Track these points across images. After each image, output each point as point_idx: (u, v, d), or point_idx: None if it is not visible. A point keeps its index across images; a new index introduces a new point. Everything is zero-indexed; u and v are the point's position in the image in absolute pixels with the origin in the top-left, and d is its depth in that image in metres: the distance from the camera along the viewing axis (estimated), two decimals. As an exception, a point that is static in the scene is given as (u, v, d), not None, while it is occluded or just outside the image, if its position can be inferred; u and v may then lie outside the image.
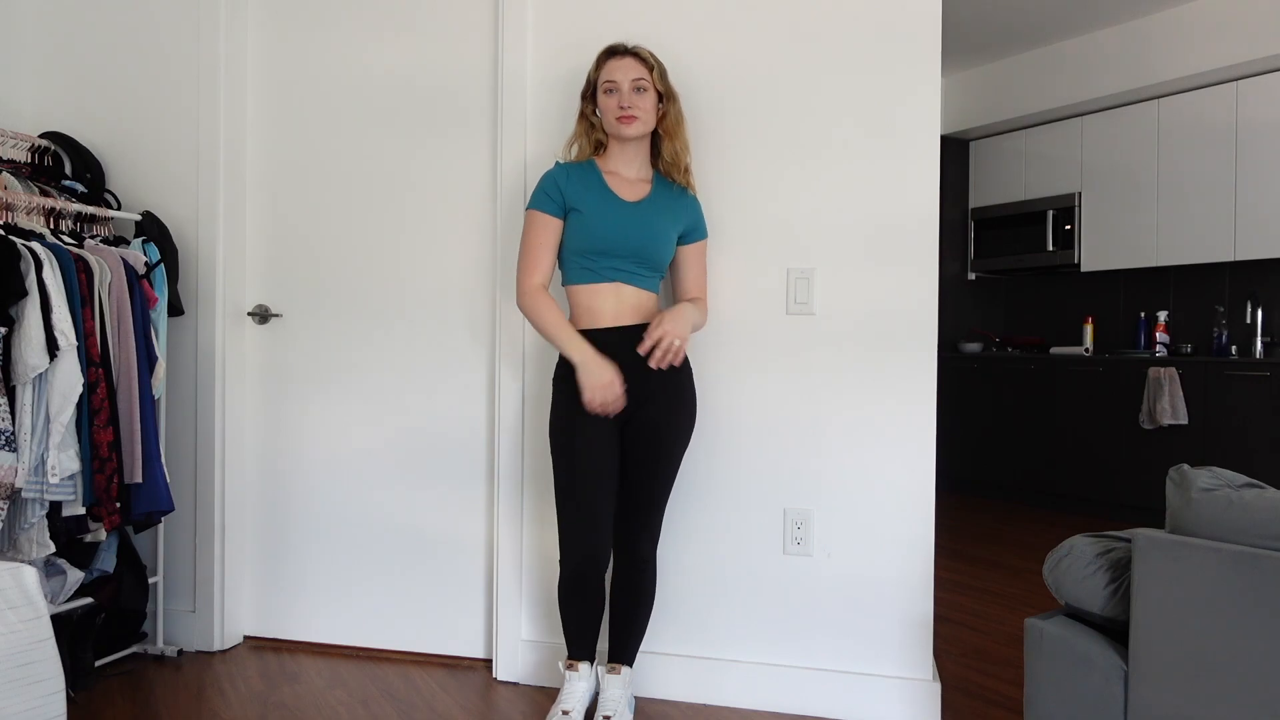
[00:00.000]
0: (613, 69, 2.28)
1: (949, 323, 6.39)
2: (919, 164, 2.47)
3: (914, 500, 2.48)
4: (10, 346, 2.32)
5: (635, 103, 2.26)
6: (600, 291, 2.28)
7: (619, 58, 2.29)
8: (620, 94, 2.26)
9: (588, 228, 2.26)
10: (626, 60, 2.29)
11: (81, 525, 2.51)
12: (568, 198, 2.28)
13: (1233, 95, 5.09)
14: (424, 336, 2.90)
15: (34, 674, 1.70)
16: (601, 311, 2.28)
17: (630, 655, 2.40)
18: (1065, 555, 1.76)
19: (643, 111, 2.27)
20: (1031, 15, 5.39)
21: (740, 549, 2.58)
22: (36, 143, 2.91)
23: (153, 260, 2.80)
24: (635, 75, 2.27)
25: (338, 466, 2.97)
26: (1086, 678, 1.64)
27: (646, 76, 2.28)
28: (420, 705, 2.55)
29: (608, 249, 2.26)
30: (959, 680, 2.76)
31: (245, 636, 3.07)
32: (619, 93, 2.26)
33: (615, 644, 2.39)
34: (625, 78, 2.26)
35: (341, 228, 2.97)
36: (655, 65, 2.31)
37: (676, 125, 2.35)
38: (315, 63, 2.98)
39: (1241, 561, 1.42)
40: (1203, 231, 5.22)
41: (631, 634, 2.39)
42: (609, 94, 2.28)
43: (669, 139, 2.35)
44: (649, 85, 2.28)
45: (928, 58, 2.47)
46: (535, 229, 2.31)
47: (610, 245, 2.26)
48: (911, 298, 2.48)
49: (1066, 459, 5.59)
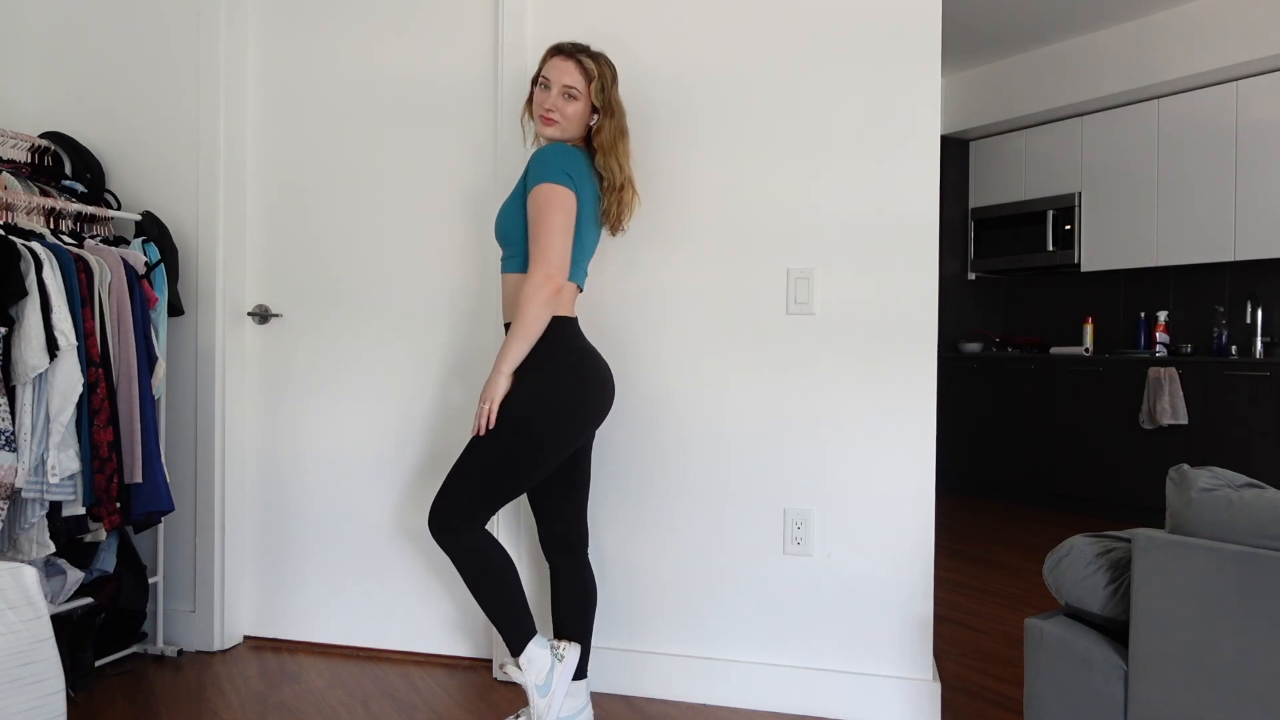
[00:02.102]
0: (551, 67, 2.27)
1: (949, 323, 6.40)
2: (919, 164, 2.47)
3: (914, 500, 2.48)
4: (10, 346, 2.32)
5: (560, 107, 2.25)
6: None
7: (562, 57, 2.27)
8: (549, 94, 2.25)
9: None
10: (568, 64, 2.26)
11: (81, 525, 2.51)
12: None
13: (1233, 95, 5.09)
14: (424, 336, 2.90)
15: (34, 674, 1.70)
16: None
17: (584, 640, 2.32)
18: (1065, 555, 1.76)
19: (564, 118, 2.25)
20: (1031, 15, 5.39)
21: (740, 549, 2.58)
22: (36, 143, 2.91)
23: (153, 260, 2.80)
24: (568, 81, 2.24)
25: (338, 466, 2.97)
26: (1086, 678, 1.64)
27: (580, 86, 2.25)
28: (420, 705, 2.55)
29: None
30: (959, 680, 2.76)
31: (245, 636, 3.07)
32: (549, 92, 2.26)
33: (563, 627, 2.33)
34: (558, 80, 2.25)
35: (341, 228, 2.97)
36: (596, 77, 2.26)
37: (612, 142, 2.28)
38: (315, 62, 2.98)
39: (1241, 561, 1.42)
40: (1203, 231, 5.22)
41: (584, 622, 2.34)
42: (543, 89, 2.27)
43: (602, 153, 2.28)
44: (581, 95, 2.25)
45: (928, 57, 2.47)
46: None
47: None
48: (911, 298, 2.48)
49: (1066, 459, 5.59)
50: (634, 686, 2.63)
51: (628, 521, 2.64)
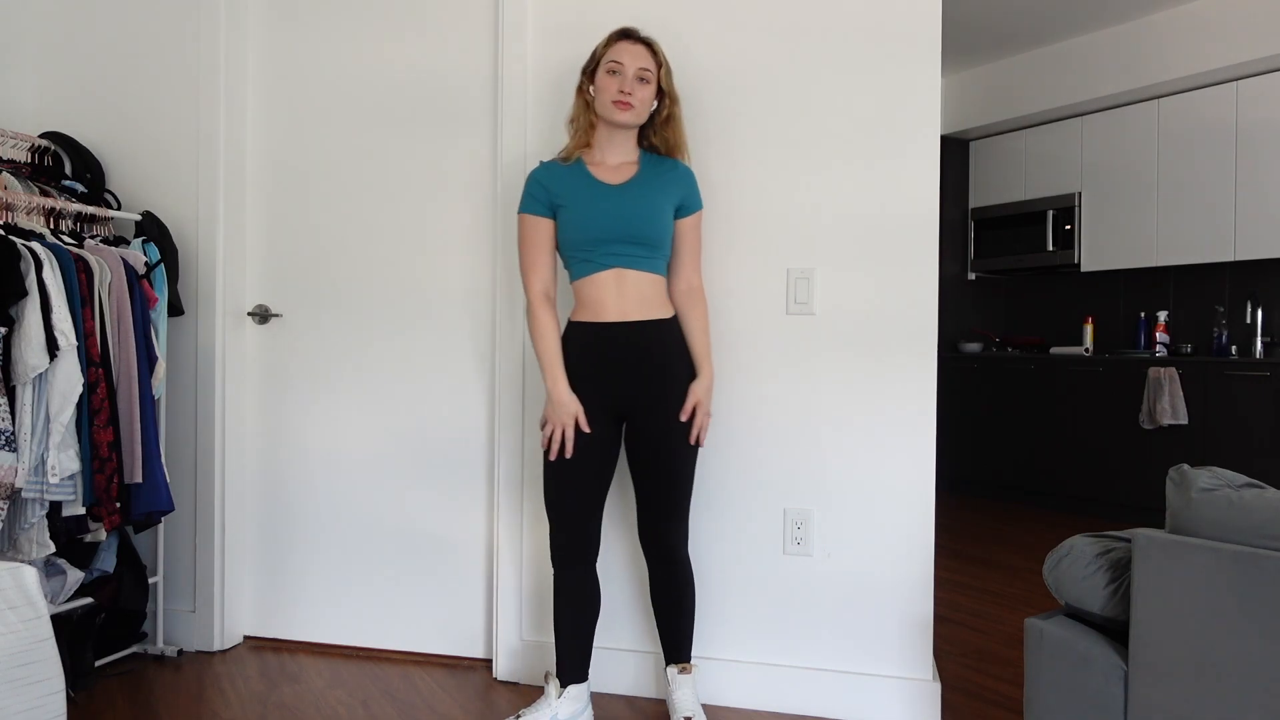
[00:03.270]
0: (621, 50, 2.24)
1: (949, 323, 6.39)
2: (919, 164, 2.47)
3: (914, 500, 2.48)
4: (10, 346, 2.32)
5: (636, 90, 2.22)
6: (600, 281, 2.24)
7: (631, 42, 2.25)
8: (624, 78, 2.22)
9: (577, 218, 2.24)
10: (638, 47, 2.25)
11: (81, 525, 2.51)
12: (553, 194, 2.26)
13: (1233, 95, 5.09)
14: (424, 336, 2.90)
15: (34, 674, 1.70)
16: (604, 303, 2.24)
17: (688, 653, 2.39)
18: (1065, 555, 1.76)
19: (640, 102, 2.24)
20: (1031, 15, 5.39)
21: (740, 549, 2.58)
22: (36, 143, 2.91)
23: (153, 260, 2.80)
24: (643, 64, 2.23)
25: (338, 466, 2.97)
26: (1086, 678, 1.64)
27: (653, 69, 2.25)
28: (420, 705, 2.55)
29: (601, 236, 2.22)
30: (959, 680, 2.76)
31: (245, 636, 3.07)
32: (622, 76, 2.22)
33: (669, 646, 2.38)
34: (633, 64, 2.22)
35: (341, 227, 2.97)
36: (664, 63, 2.28)
37: (677, 127, 2.32)
38: (315, 62, 2.98)
39: (1241, 561, 1.42)
40: (1203, 231, 5.22)
41: (681, 632, 2.37)
42: (611, 74, 2.23)
43: (664, 142, 2.31)
44: (653, 79, 2.26)
45: (928, 57, 2.47)
46: (526, 232, 2.29)
47: (603, 231, 2.22)
48: (911, 298, 2.48)
49: (1066, 459, 5.59)
50: (634, 687, 2.63)
51: (627, 521, 2.64)
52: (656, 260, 2.28)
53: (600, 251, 2.23)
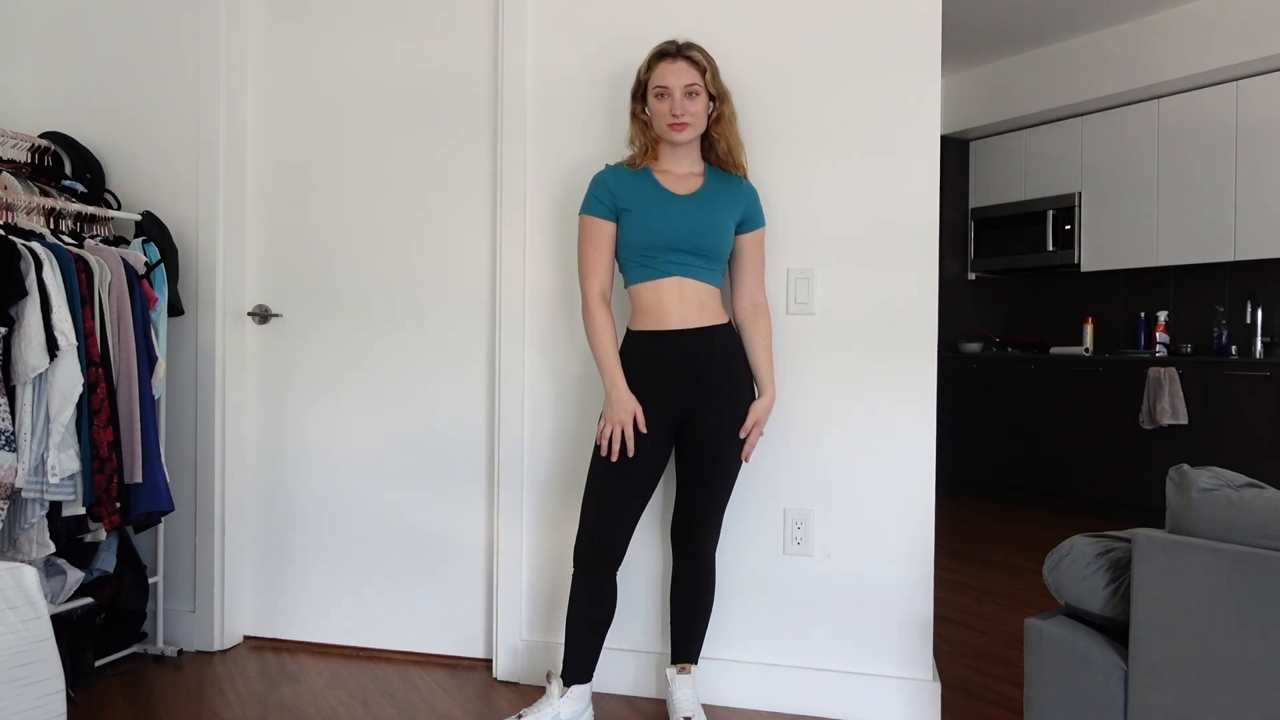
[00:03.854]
0: (664, 73, 2.23)
1: (949, 323, 6.39)
2: (919, 164, 2.47)
3: (914, 500, 2.48)
4: (10, 346, 2.32)
5: (687, 109, 2.22)
6: (662, 287, 2.25)
7: (670, 60, 2.24)
8: (672, 100, 2.22)
9: (643, 223, 2.24)
10: (679, 64, 2.23)
11: (81, 525, 2.51)
12: (618, 198, 2.27)
13: (1233, 95, 5.09)
14: (424, 336, 2.90)
15: (34, 674, 1.70)
16: (665, 310, 2.25)
17: (695, 654, 2.41)
18: (1065, 555, 1.76)
19: (694, 117, 2.24)
20: (1031, 15, 5.39)
21: (740, 549, 2.58)
22: (36, 143, 2.91)
23: (153, 260, 2.80)
24: (687, 81, 2.22)
25: (338, 466, 2.97)
26: (1086, 678, 1.64)
27: (699, 81, 2.23)
28: (420, 705, 2.55)
29: (665, 243, 2.23)
30: (959, 680, 2.76)
31: (245, 636, 3.07)
32: (670, 99, 2.22)
33: (679, 644, 2.40)
34: (678, 83, 2.22)
35: (341, 227, 2.97)
36: (707, 67, 2.26)
37: (730, 124, 2.32)
38: (315, 62, 2.98)
39: (1241, 561, 1.42)
40: (1203, 231, 5.22)
41: (695, 631, 2.40)
42: (660, 99, 2.24)
43: (723, 138, 2.32)
44: (701, 89, 2.24)
45: (928, 58, 2.47)
46: (588, 234, 2.29)
47: (667, 239, 2.23)
48: (911, 298, 2.48)
49: (1066, 459, 5.59)
50: (635, 687, 2.63)
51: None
52: (714, 272, 2.30)
53: (662, 259, 2.24)
